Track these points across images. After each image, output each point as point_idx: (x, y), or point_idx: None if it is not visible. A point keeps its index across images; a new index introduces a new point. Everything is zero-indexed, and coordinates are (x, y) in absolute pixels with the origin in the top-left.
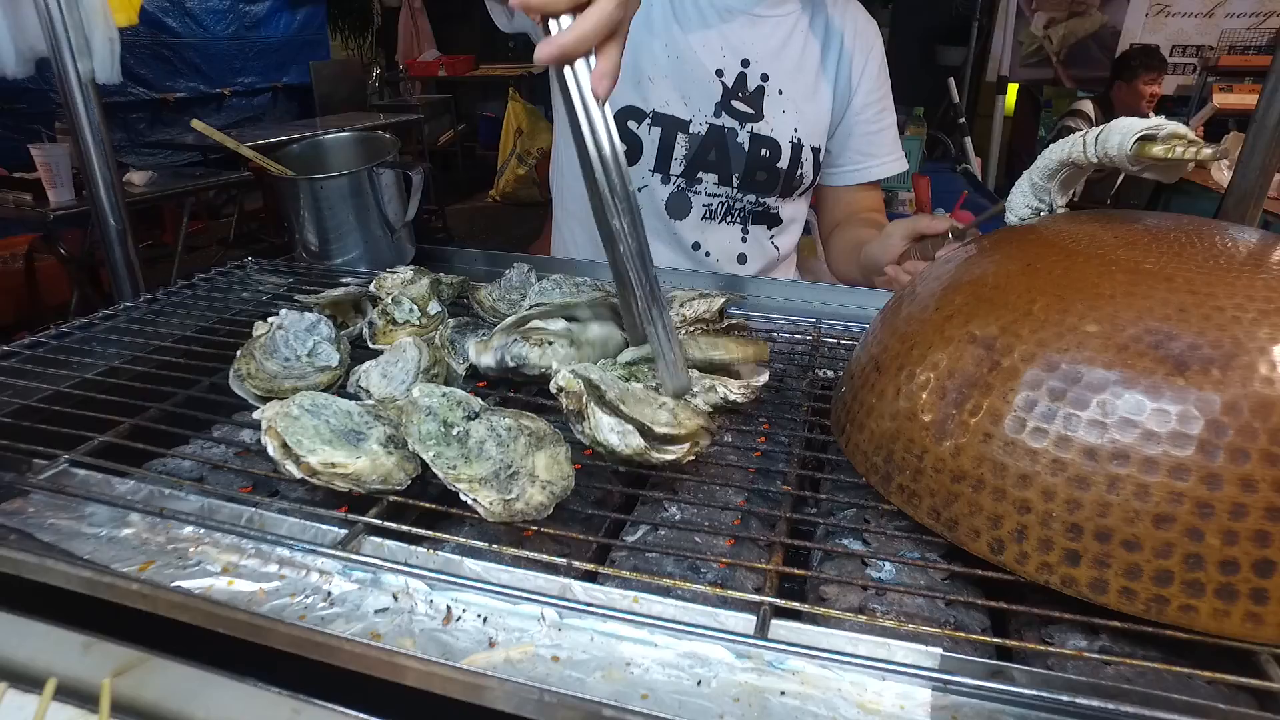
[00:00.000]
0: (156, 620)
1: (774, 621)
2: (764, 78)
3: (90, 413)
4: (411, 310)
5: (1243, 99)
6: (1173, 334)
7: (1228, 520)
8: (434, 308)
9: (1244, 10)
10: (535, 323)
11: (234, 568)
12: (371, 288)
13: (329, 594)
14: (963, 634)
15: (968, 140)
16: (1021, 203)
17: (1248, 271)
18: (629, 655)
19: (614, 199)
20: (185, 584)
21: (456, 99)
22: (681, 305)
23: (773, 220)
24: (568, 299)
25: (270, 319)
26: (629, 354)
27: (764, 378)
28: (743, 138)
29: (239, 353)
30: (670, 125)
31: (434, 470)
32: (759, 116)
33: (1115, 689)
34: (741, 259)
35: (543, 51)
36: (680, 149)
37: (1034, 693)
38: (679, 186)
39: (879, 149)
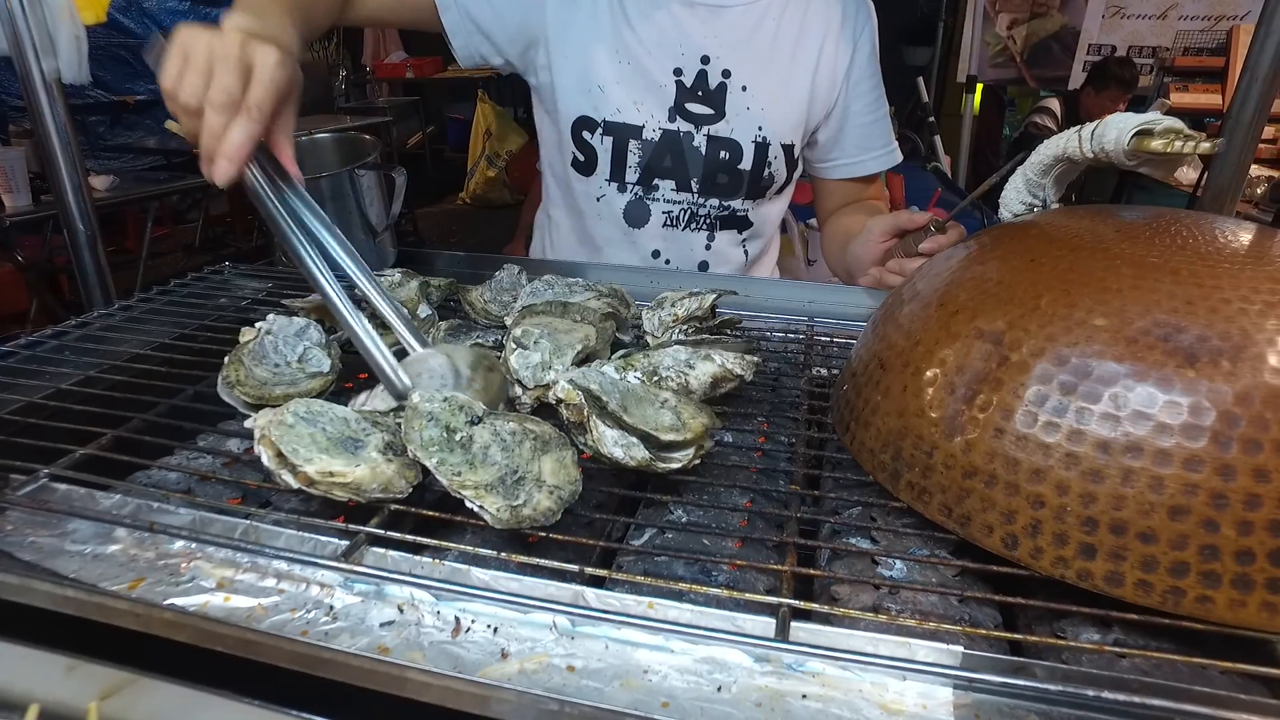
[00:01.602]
0: (136, 639)
1: (792, 623)
2: (725, 74)
3: (68, 424)
4: None
5: (1198, 98)
6: (1181, 326)
7: (1242, 510)
8: (424, 311)
9: (1196, 14)
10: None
11: (229, 583)
12: (358, 291)
13: (331, 608)
14: (981, 631)
15: (937, 139)
16: (1016, 199)
17: (1250, 264)
18: (646, 662)
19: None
20: (179, 601)
21: (424, 101)
22: (673, 305)
23: (742, 224)
24: (560, 300)
25: (258, 324)
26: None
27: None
28: (699, 141)
29: (227, 359)
30: (622, 133)
31: (438, 477)
32: (719, 116)
33: (1137, 682)
34: (703, 266)
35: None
36: (634, 156)
37: (1058, 688)
38: (636, 195)
39: (874, 141)
